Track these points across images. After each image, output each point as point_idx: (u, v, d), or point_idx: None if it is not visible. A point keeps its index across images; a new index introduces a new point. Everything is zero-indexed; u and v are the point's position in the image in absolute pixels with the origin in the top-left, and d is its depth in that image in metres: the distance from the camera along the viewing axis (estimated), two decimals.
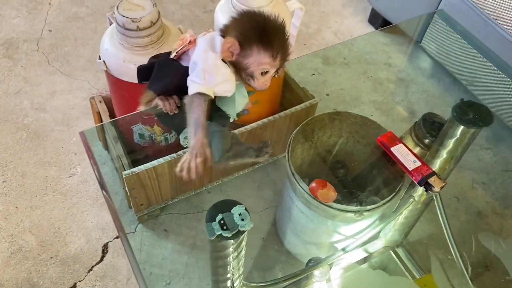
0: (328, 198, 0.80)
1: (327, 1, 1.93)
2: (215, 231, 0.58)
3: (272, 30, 0.73)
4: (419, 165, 0.76)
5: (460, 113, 0.72)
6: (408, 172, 0.77)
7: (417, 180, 0.76)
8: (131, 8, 0.91)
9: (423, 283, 0.85)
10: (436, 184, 0.75)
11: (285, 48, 0.75)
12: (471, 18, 1.37)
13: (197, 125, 0.71)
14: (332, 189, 0.79)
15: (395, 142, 0.81)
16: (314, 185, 0.79)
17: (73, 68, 1.57)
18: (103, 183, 0.79)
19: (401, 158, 0.78)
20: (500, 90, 1.36)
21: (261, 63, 0.73)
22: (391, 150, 0.81)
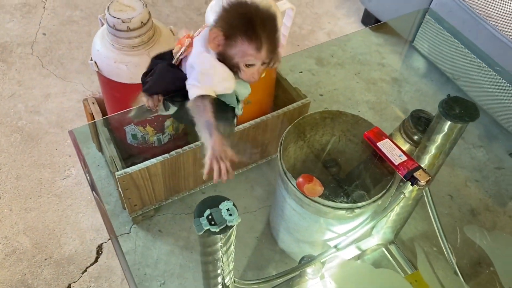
0: (314, 193, 0.80)
1: (320, 3, 1.94)
2: (203, 226, 0.58)
3: (258, 21, 0.71)
4: (405, 160, 0.77)
5: (446, 109, 0.73)
6: (394, 166, 0.77)
7: (403, 174, 0.77)
8: (122, 9, 0.91)
9: (414, 278, 0.85)
10: (422, 177, 0.75)
11: (272, 41, 0.72)
12: (462, 16, 1.39)
13: (209, 127, 0.71)
14: (318, 184, 0.80)
15: (382, 138, 0.82)
16: (300, 180, 0.80)
17: (67, 71, 1.58)
18: (93, 183, 0.79)
19: (387, 153, 0.79)
20: (492, 89, 1.37)
21: (245, 55, 0.72)
22: (377, 145, 0.81)
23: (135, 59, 0.95)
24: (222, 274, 0.70)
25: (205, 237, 0.61)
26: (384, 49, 1.72)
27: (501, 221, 1.28)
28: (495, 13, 1.29)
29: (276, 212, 1.14)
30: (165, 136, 1.13)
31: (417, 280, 0.84)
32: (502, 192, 1.36)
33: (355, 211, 0.91)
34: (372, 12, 1.72)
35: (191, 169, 1.16)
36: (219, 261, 0.66)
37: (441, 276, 0.84)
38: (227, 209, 0.60)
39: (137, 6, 0.93)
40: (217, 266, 0.68)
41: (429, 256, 0.89)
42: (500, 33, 1.29)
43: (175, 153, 1.07)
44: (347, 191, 0.89)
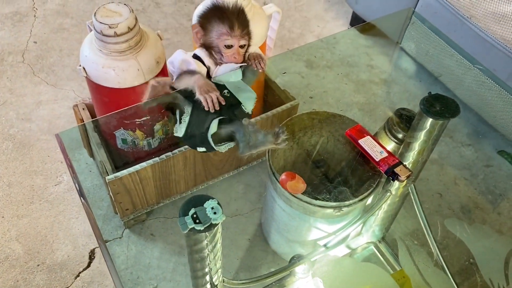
0: (297, 190, 0.81)
1: (309, 6, 1.96)
2: (188, 224, 0.59)
3: (227, 8, 0.84)
4: (386, 156, 0.78)
5: (427, 106, 0.74)
6: (375, 162, 0.79)
7: (383, 170, 0.78)
8: (109, 15, 0.93)
9: (401, 275, 0.86)
10: (402, 173, 0.77)
11: (242, 21, 0.84)
12: (447, 17, 1.41)
13: (192, 73, 0.82)
14: (301, 181, 0.81)
15: (363, 135, 0.83)
16: (283, 177, 0.81)
17: (59, 78, 1.59)
18: (81, 189, 0.80)
19: (368, 150, 0.80)
20: (478, 87, 1.39)
21: (221, 34, 0.83)
22: (358, 142, 0.83)
23: (122, 64, 0.96)
24: (210, 272, 0.71)
25: (191, 235, 0.62)
26: (372, 51, 1.74)
27: (491, 218, 1.30)
28: (479, 13, 1.31)
29: (267, 213, 1.15)
30: (155, 140, 1.14)
31: (404, 276, 0.85)
32: (491, 189, 1.37)
33: (342, 209, 0.92)
34: (359, 14, 1.74)
35: (181, 173, 1.17)
36: (206, 260, 0.67)
37: (422, 268, 0.85)
38: (211, 208, 0.61)
39: (124, 12, 0.94)
40: (204, 265, 0.68)
41: (410, 249, 0.91)
42: (484, 33, 1.32)
43: (165, 157, 1.08)
44: (329, 188, 0.90)
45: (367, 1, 1.67)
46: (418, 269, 0.87)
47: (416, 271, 0.87)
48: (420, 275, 0.87)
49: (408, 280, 0.83)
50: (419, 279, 0.86)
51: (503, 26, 1.26)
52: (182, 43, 1.74)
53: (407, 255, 0.90)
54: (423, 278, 0.86)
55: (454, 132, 1.51)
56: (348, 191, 1.03)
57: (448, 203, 1.32)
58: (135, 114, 1.03)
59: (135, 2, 1.89)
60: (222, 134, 0.85)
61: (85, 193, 1.31)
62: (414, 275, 0.86)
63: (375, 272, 0.87)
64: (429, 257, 0.87)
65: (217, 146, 0.86)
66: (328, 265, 0.86)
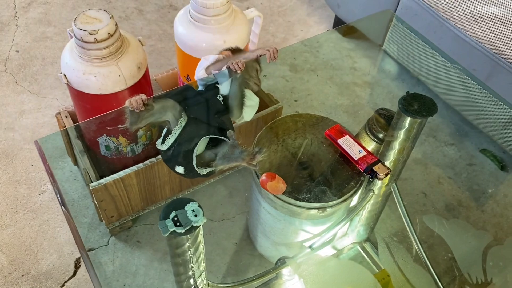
0: (277, 190, 0.82)
1: (292, 11, 1.98)
2: (168, 228, 0.59)
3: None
4: (365, 154, 0.79)
5: (405, 105, 0.75)
6: (354, 161, 0.80)
7: (362, 169, 0.79)
8: (88, 21, 0.93)
9: (384, 275, 0.87)
10: (381, 171, 0.78)
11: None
12: (427, 19, 1.43)
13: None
14: (281, 181, 0.81)
15: (342, 135, 0.84)
16: (263, 178, 0.81)
17: (42, 87, 1.58)
18: (62, 197, 0.79)
19: (347, 149, 0.81)
20: (459, 87, 1.41)
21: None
22: (338, 142, 0.83)
23: (103, 70, 0.96)
24: (194, 276, 0.71)
25: (172, 239, 0.62)
26: (355, 53, 1.76)
27: (474, 216, 1.31)
28: (457, 14, 1.33)
29: (252, 216, 1.15)
30: (138, 146, 1.14)
31: (385, 277, 0.86)
32: (474, 187, 1.39)
33: (326, 210, 0.93)
34: (342, 18, 1.76)
35: (166, 178, 1.17)
36: (189, 263, 0.67)
37: (401, 264, 0.86)
38: (192, 210, 0.61)
39: (104, 18, 0.94)
40: (187, 268, 0.68)
41: (390, 247, 0.92)
42: (463, 34, 1.34)
43: (149, 163, 1.08)
44: (312, 188, 0.91)
45: (349, 5, 1.69)
46: (398, 266, 0.88)
47: (396, 268, 0.88)
48: (401, 272, 0.88)
49: (390, 279, 0.84)
50: (400, 276, 0.87)
51: (481, 27, 1.28)
52: (166, 49, 1.74)
53: (387, 253, 0.90)
54: (404, 274, 0.87)
55: (437, 132, 1.53)
56: (330, 191, 1.04)
57: (432, 202, 1.34)
58: (117, 120, 1.03)
59: (118, 9, 1.89)
60: (206, 157, 0.80)
61: (70, 201, 1.31)
62: (395, 273, 0.87)
63: (358, 272, 0.87)
64: (408, 253, 0.88)
65: (198, 168, 0.80)
66: (310, 265, 0.86)
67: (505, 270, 0.85)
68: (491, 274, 0.83)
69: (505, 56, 1.26)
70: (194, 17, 1.07)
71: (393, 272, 0.87)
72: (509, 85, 1.29)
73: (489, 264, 0.85)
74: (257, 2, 1.99)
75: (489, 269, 0.84)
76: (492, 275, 0.82)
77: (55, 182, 0.79)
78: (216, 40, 1.07)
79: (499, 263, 0.85)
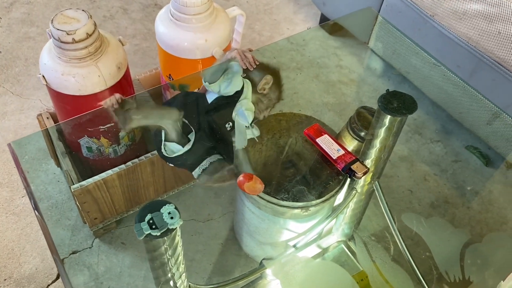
0: (254, 191, 0.81)
1: (278, 9, 1.97)
2: (144, 231, 0.58)
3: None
4: (343, 153, 0.79)
5: (385, 103, 0.75)
6: (333, 160, 0.79)
7: (341, 168, 0.79)
8: (66, 21, 0.91)
9: (360, 277, 0.87)
10: (359, 169, 0.77)
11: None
12: (411, 16, 1.43)
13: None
14: (259, 182, 0.81)
15: (321, 133, 0.83)
16: (241, 179, 0.81)
17: (25, 88, 1.56)
18: (35, 201, 0.78)
19: (326, 148, 0.81)
20: (444, 85, 1.41)
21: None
22: (316, 141, 0.83)
23: (82, 71, 0.95)
24: (173, 278, 0.70)
25: (148, 241, 0.61)
26: (341, 51, 1.76)
27: (460, 212, 1.32)
28: (441, 11, 1.33)
29: (238, 216, 1.14)
30: (121, 147, 1.13)
31: (363, 279, 0.85)
32: (460, 184, 1.39)
33: (310, 209, 0.92)
34: (327, 16, 1.76)
35: (150, 179, 1.16)
36: (167, 265, 0.66)
37: (379, 264, 0.86)
38: (168, 213, 0.60)
39: (82, 18, 0.92)
40: (165, 270, 0.67)
41: (368, 245, 0.91)
42: (447, 31, 1.34)
43: (132, 163, 1.07)
44: (296, 188, 0.91)
45: (334, 3, 1.69)
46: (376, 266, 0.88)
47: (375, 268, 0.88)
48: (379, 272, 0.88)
49: (366, 279, 0.84)
50: (378, 276, 0.86)
51: (465, 24, 1.28)
52: (151, 48, 1.73)
53: (366, 254, 0.90)
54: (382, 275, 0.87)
55: (423, 129, 1.53)
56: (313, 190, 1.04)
57: (418, 199, 1.34)
58: (98, 121, 1.02)
59: (102, 9, 1.87)
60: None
61: (53, 203, 1.29)
62: (373, 273, 0.87)
63: (336, 273, 0.87)
64: (387, 252, 0.88)
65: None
66: (288, 267, 0.86)
67: (483, 268, 0.85)
68: (469, 272, 0.83)
69: (488, 53, 1.26)
70: (175, 16, 1.06)
71: (371, 272, 0.87)
72: (493, 82, 1.29)
73: (467, 262, 0.85)
74: (243, 1, 1.98)
75: (467, 267, 0.84)
76: (470, 273, 0.83)
77: (27, 184, 0.77)
78: (198, 39, 1.06)
79: (477, 261, 0.86)
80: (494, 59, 1.26)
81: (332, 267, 0.90)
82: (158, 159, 1.11)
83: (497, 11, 1.19)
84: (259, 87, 0.85)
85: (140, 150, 1.19)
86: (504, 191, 1.39)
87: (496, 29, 1.21)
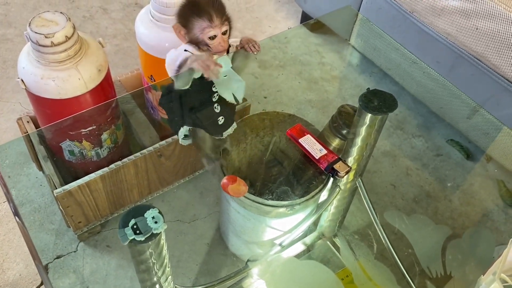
0: (239, 193, 0.82)
1: (260, 7, 1.97)
2: (128, 236, 0.58)
3: (202, 1, 0.84)
4: (325, 153, 0.79)
5: (366, 102, 0.76)
6: (315, 160, 0.80)
7: (323, 167, 0.79)
8: (44, 24, 0.90)
9: (345, 274, 0.88)
10: (341, 169, 0.78)
11: (219, 9, 0.85)
12: (391, 13, 1.44)
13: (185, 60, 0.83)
14: (242, 184, 0.81)
15: (303, 134, 0.84)
16: (224, 181, 0.81)
17: (3, 91, 1.53)
18: (15, 207, 0.77)
19: (308, 148, 0.81)
20: (424, 80, 1.43)
21: (203, 29, 0.83)
22: (299, 141, 0.84)
23: (62, 74, 0.93)
24: (159, 281, 0.70)
25: (133, 246, 0.61)
26: (323, 48, 1.77)
27: (442, 206, 1.34)
28: (420, 7, 1.35)
29: (223, 216, 1.14)
30: (103, 150, 1.12)
31: (347, 275, 0.87)
32: (442, 177, 1.42)
33: (295, 207, 0.93)
34: (308, 13, 1.76)
35: (134, 181, 1.15)
36: (152, 269, 0.66)
37: (363, 262, 0.87)
38: (152, 217, 0.60)
39: (60, 20, 0.91)
40: (151, 275, 0.67)
41: (351, 243, 0.93)
42: (427, 27, 1.36)
43: (115, 166, 1.06)
44: (277, 185, 0.91)
45: (315, 0, 1.69)
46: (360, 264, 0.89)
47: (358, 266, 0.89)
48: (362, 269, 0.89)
49: (351, 276, 0.85)
50: (361, 274, 0.88)
51: (443, 20, 1.30)
52: (132, 48, 1.71)
53: (348, 250, 0.91)
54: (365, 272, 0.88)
55: (405, 124, 1.55)
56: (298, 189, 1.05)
57: (401, 194, 1.36)
58: (79, 124, 1.01)
59: (82, 9, 1.85)
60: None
61: (36, 208, 1.27)
62: (357, 271, 0.88)
63: (320, 271, 0.88)
64: (370, 250, 0.89)
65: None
66: (273, 266, 0.87)
67: (463, 263, 0.87)
68: (451, 267, 0.85)
69: (466, 48, 1.28)
70: (155, 17, 1.05)
71: (355, 270, 0.88)
72: (472, 76, 1.31)
73: (448, 258, 0.87)
74: None
75: (448, 262, 0.86)
76: (451, 268, 0.84)
77: (8, 191, 0.76)
78: (179, 40, 1.06)
79: (458, 256, 0.88)
80: (472, 54, 1.28)
81: (316, 266, 0.91)
82: (141, 161, 1.11)
83: (474, 7, 1.21)
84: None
85: (123, 152, 1.18)
86: (485, 183, 1.42)
87: (473, 25, 1.23)
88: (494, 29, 1.19)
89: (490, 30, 1.20)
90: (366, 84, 1.65)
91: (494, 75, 1.25)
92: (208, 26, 0.84)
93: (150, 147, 1.10)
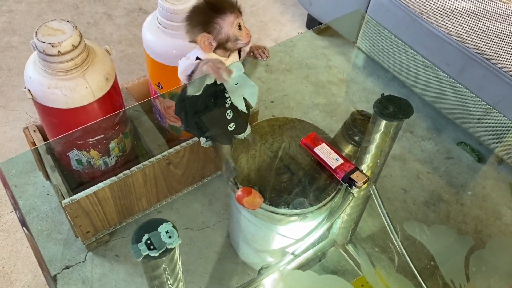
0: (254, 205, 0.80)
1: (265, 10, 1.95)
2: (142, 252, 0.57)
3: (213, 1, 0.85)
4: (342, 162, 0.78)
5: (380, 108, 0.74)
6: (332, 170, 0.78)
7: (340, 177, 0.78)
8: (51, 33, 0.89)
9: (360, 283, 0.86)
10: (359, 179, 0.76)
11: (232, 2, 0.86)
12: (399, 15, 1.42)
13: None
14: (258, 196, 0.79)
15: (318, 143, 0.82)
16: (239, 193, 0.79)
17: (9, 99, 1.52)
18: (23, 218, 0.75)
19: (324, 158, 0.79)
20: (433, 82, 1.41)
21: (231, 22, 0.84)
22: (314, 150, 0.82)
23: (69, 83, 0.92)
24: None
25: (146, 262, 0.59)
26: (329, 51, 1.75)
27: (454, 210, 1.32)
28: (429, 9, 1.33)
29: (233, 224, 1.13)
30: (111, 159, 1.11)
31: (363, 285, 0.85)
32: (453, 181, 1.40)
33: (307, 216, 0.91)
34: (314, 16, 1.75)
35: (142, 190, 1.13)
36: (166, 284, 0.64)
37: (384, 275, 0.85)
38: (166, 232, 0.58)
39: (67, 29, 0.90)
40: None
41: (370, 254, 0.91)
42: (436, 28, 1.34)
43: (123, 175, 1.05)
44: (289, 194, 0.89)
45: (320, 3, 1.68)
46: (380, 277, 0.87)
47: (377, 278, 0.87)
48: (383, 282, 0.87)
49: (366, 286, 0.83)
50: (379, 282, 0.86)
51: (453, 22, 1.28)
52: (137, 54, 1.70)
53: (368, 261, 0.89)
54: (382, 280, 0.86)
55: (414, 127, 1.53)
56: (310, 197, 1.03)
57: (413, 198, 1.34)
58: (87, 133, 0.99)
59: (86, 15, 1.84)
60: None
61: (43, 217, 1.26)
62: (376, 283, 0.86)
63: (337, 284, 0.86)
64: (391, 262, 0.87)
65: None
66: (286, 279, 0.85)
67: (488, 275, 0.85)
68: (475, 279, 0.83)
69: (477, 50, 1.26)
70: (163, 24, 1.04)
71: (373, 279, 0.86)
72: (482, 79, 1.29)
73: (472, 270, 0.84)
74: None
75: (472, 274, 0.84)
76: (475, 280, 0.82)
77: (16, 203, 0.75)
78: (187, 47, 1.04)
79: (482, 268, 0.85)
80: (483, 56, 1.26)
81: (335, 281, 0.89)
82: (150, 170, 1.09)
83: (485, 9, 1.20)
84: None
85: (131, 161, 1.17)
86: (497, 186, 1.40)
87: (484, 26, 1.21)
88: (506, 31, 1.17)
89: (501, 32, 1.18)
90: (373, 87, 1.63)
91: (506, 77, 1.23)
92: (234, 18, 0.84)
93: (159, 155, 1.08)
